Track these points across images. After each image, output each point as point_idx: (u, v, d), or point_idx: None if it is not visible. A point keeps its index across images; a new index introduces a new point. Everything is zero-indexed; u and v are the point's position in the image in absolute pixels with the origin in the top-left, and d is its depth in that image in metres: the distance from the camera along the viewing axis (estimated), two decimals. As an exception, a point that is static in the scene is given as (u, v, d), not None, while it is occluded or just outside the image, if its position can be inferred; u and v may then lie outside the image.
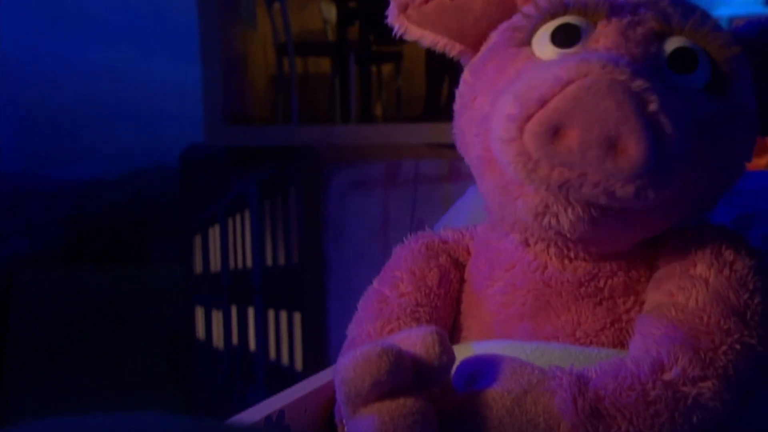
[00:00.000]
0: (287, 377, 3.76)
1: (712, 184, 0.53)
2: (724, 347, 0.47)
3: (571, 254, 0.53)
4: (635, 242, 0.53)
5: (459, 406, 0.47)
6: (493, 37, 0.57)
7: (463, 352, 0.54)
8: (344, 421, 0.48)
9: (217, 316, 5.08)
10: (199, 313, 5.70)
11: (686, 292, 0.50)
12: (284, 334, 3.78)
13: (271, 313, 3.95)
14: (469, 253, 0.62)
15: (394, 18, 0.60)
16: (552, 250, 0.53)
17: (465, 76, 0.59)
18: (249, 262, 4.18)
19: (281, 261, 3.72)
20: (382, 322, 0.58)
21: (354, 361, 0.44)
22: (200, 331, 5.73)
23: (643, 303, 0.53)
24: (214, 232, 5.15)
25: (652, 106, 0.43)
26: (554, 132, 0.44)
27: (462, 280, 0.61)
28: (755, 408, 0.51)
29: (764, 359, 0.49)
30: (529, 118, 0.44)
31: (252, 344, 4.27)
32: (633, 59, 0.48)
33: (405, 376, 0.44)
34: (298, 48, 3.74)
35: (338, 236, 3.29)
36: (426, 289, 0.59)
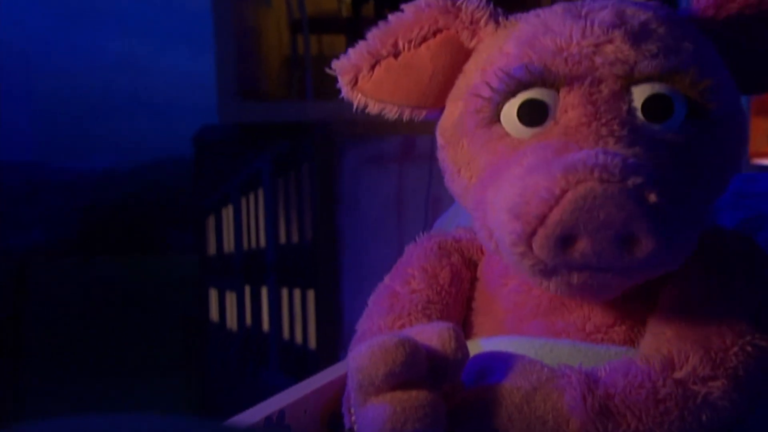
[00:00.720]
0: (300, 357, 3.77)
1: (708, 198, 0.54)
2: (735, 348, 0.48)
3: None
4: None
5: (468, 401, 0.47)
6: (456, 100, 0.57)
7: (471, 348, 0.53)
8: (353, 410, 0.48)
9: (230, 298, 5.09)
10: (213, 295, 5.71)
11: (700, 293, 0.50)
12: (298, 313, 3.78)
13: (284, 292, 3.95)
14: (482, 252, 0.62)
15: (347, 94, 0.59)
16: None
17: (439, 141, 0.59)
18: (262, 241, 4.18)
19: (295, 239, 3.71)
20: (393, 317, 0.58)
21: (370, 350, 0.44)
22: (214, 314, 5.76)
23: (655, 302, 0.53)
24: (228, 213, 5.15)
25: (652, 198, 0.43)
26: (563, 242, 0.44)
27: (474, 280, 0.62)
28: (764, 411, 0.51)
29: None
30: (533, 233, 0.45)
31: (265, 325, 4.28)
32: (609, 129, 0.48)
33: (419, 368, 0.45)
34: (312, 25, 3.74)
35: (352, 212, 3.27)
36: (438, 286, 0.60)
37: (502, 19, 0.57)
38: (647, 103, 0.50)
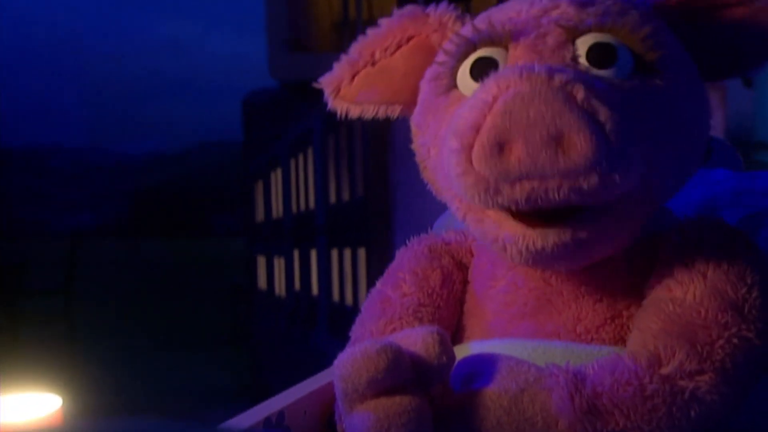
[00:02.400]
0: (350, 318, 3.76)
1: (677, 158, 0.54)
2: (721, 341, 0.48)
3: None
4: (626, 243, 0.54)
5: (457, 406, 0.48)
6: (423, 88, 0.60)
7: (461, 352, 0.55)
8: (341, 417, 0.50)
9: (278, 263, 5.13)
10: (261, 263, 5.76)
11: (684, 286, 0.51)
12: (348, 273, 3.77)
13: (334, 253, 3.95)
14: (472, 254, 0.64)
15: (331, 103, 0.64)
16: None
17: (413, 130, 0.62)
18: (312, 203, 4.19)
19: (345, 197, 3.70)
20: (385, 322, 0.60)
21: (352, 358, 0.45)
22: (262, 282, 5.82)
23: (643, 299, 0.53)
24: (276, 176, 5.18)
25: (580, 95, 0.45)
26: (499, 150, 0.46)
27: (465, 282, 0.63)
28: (756, 405, 0.52)
29: (763, 353, 0.50)
30: (471, 146, 0.46)
31: (314, 288, 4.30)
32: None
33: (403, 374, 0.46)
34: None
35: (406, 167, 3.24)
36: (429, 289, 0.62)
37: (468, 18, 0.61)
38: (591, 52, 0.52)
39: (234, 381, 6.11)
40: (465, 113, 0.47)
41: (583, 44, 0.52)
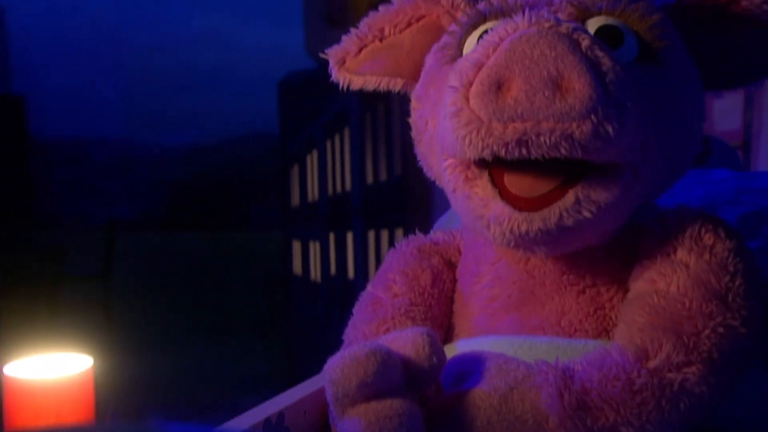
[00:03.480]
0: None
1: (666, 150, 0.54)
2: (707, 331, 0.48)
3: None
4: (612, 231, 0.54)
5: (447, 406, 0.48)
6: (428, 60, 0.61)
7: (449, 351, 0.56)
8: (334, 422, 0.50)
9: (314, 248, 5.14)
10: (296, 248, 5.78)
11: (667, 278, 0.51)
12: (385, 255, 3.74)
13: (371, 235, 3.92)
14: (460, 252, 0.65)
15: (335, 74, 0.66)
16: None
17: (413, 104, 0.62)
18: (348, 184, 4.17)
19: (383, 176, 3.67)
20: (377, 323, 0.61)
21: (341, 362, 0.46)
22: (297, 267, 5.83)
23: (626, 291, 0.54)
24: (312, 158, 5.18)
25: (585, 42, 0.46)
26: (497, 87, 0.46)
27: (455, 280, 0.64)
28: (745, 397, 0.52)
29: (749, 341, 0.50)
30: (471, 83, 0.47)
31: (351, 271, 4.28)
32: None
33: (393, 377, 0.46)
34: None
35: (445, 144, 3.19)
36: (419, 288, 0.62)
37: (480, 1, 0.61)
38: (599, 33, 0.53)
39: (268, 368, 6.16)
40: (470, 54, 0.49)
41: (591, 25, 0.53)
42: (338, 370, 0.46)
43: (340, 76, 0.66)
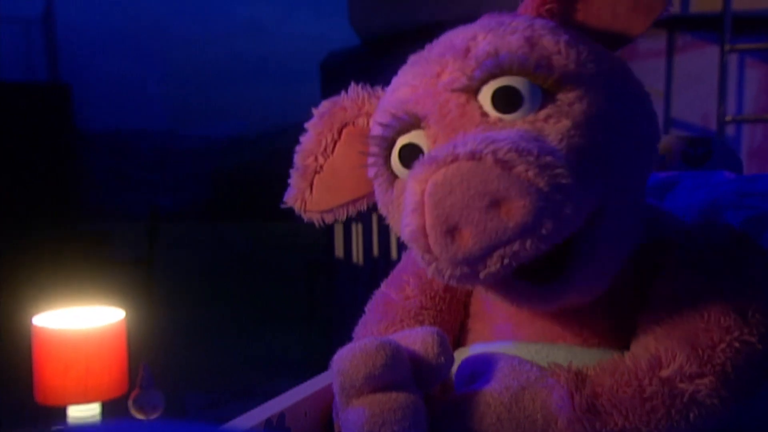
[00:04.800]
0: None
1: (618, 166, 0.53)
2: (722, 345, 0.49)
3: None
4: (604, 288, 0.54)
5: (458, 402, 0.49)
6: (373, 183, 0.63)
7: (464, 354, 0.58)
8: (338, 413, 0.52)
9: (356, 230, 5.12)
10: (338, 230, 5.77)
11: (688, 289, 0.52)
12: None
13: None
14: None
15: (305, 216, 0.69)
16: None
17: (381, 210, 0.65)
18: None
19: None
20: (387, 324, 0.63)
21: (351, 353, 0.48)
22: (339, 250, 5.83)
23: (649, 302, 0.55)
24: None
25: (500, 154, 0.46)
26: (451, 236, 0.47)
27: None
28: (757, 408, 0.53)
29: (765, 358, 0.50)
30: (424, 233, 0.48)
31: (394, 252, 4.26)
32: (464, 135, 0.51)
33: (401, 372, 0.48)
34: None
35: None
36: (431, 292, 0.64)
37: (379, 90, 0.66)
38: (495, 100, 0.54)
39: (307, 353, 6.21)
40: (407, 201, 0.49)
41: (484, 98, 0.54)
42: (347, 361, 0.48)
43: (311, 218, 0.69)
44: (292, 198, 0.69)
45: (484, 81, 0.54)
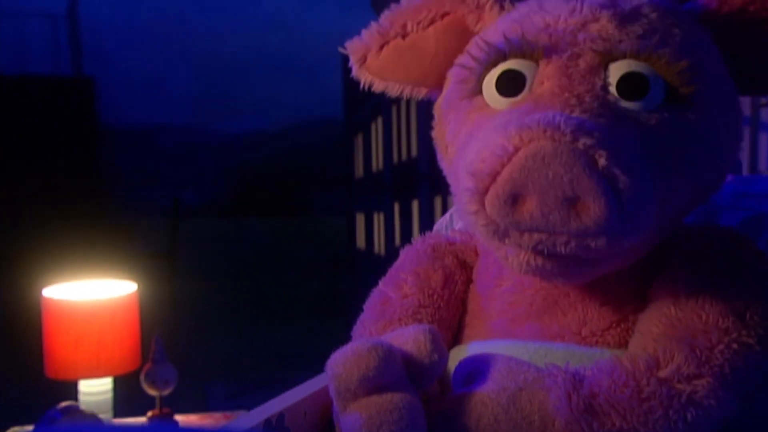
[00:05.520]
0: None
1: (693, 186, 0.55)
2: (721, 346, 0.49)
3: None
4: (632, 262, 0.56)
5: (455, 404, 0.49)
6: (449, 77, 0.61)
7: (461, 352, 0.59)
8: (338, 417, 0.50)
9: (378, 220, 5.10)
10: (360, 221, 5.76)
11: (687, 291, 0.52)
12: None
13: (437, 201, 3.84)
14: (477, 254, 0.66)
15: (356, 72, 0.65)
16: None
17: (435, 119, 0.63)
18: (414, 150, 4.10)
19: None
20: (385, 323, 0.62)
21: (343, 357, 0.47)
22: (360, 241, 5.81)
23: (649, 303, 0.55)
24: (377, 126, 5.14)
25: (602, 161, 0.45)
26: (513, 201, 0.46)
27: (469, 281, 0.65)
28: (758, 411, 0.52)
29: (764, 361, 0.50)
30: (486, 190, 0.47)
31: (416, 241, 4.23)
32: (579, 100, 0.51)
33: (394, 372, 0.47)
34: None
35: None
36: (429, 290, 0.63)
37: (507, 3, 0.62)
38: (622, 81, 0.52)
39: (330, 345, 6.20)
40: (484, 153, 0.48)
41: (615, 71, 0.53)
42: (340, 365, 0.47)
43: (361, 75, 0.65)
44: (355, 47, 0.65)
45: (627, 57, 0.53)
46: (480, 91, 0.57)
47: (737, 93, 0.58)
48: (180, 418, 1.44)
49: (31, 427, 1.28)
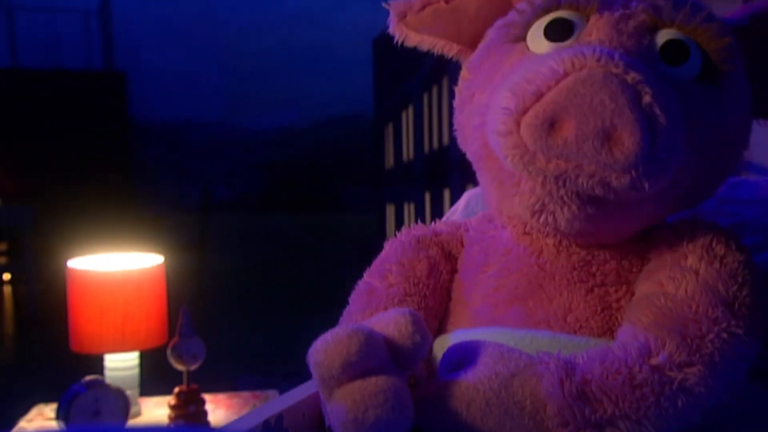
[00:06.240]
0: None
1: (707, 171, 0.57)
2: (711, 335, 0.51)
3: (568, 241, 0.58)
4: (630, 234, 0.58)
5: (446, 388, 0.49)
6: (489, 34, 0.62)
7: (444, 341, 0.60)
8: (324, 406, 0.51)
9: (408, 210, 5.06)
10: (390, 211, 5.72)
11: (676, 282, 0.54)
12: (484, 210, 3.61)
13: (469, 189, 3.79)
14: (462, 244, 0.67)
15: (394, 27, 0.66)
16: (549, 238, 0.59)
17: (463, 74, 0.64)
18: (446, 138, 4.05)
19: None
20: (370, 313, 0.62)
21: (324, 344, 0.47)
22: (390, 232, 5.80)
23: (633, 293, 0.57)
24: (407, 115, 5.10)
25: (647, 98, 0.47)
26: (551, 124, 0.47)
27: (453, 272, 0.66)
28: (745, 403, 0.54)
29: (751, 350, 0.52)
30: (525, 111, 0.48)
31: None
32: (626, 52, 0.52)
33: (377, 356, 0.47)
34: None
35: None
36: (414, 279, 0.64)
37: None
38: (667, 46, 0.55)
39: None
40: (530, 74, 0.49)
41: (661, 36, 0.55)
42: (321, 353, 0.47)
43: (398, 30, 0.66)
44: (397, 4, 0.67)
45: (675, 26, 0.55)
46: (523, 38, 0.58)
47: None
48: (207, 397, 1.41)
49: (55, 405, 1.26)
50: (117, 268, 1.30)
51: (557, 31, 0.56)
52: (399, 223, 5.19)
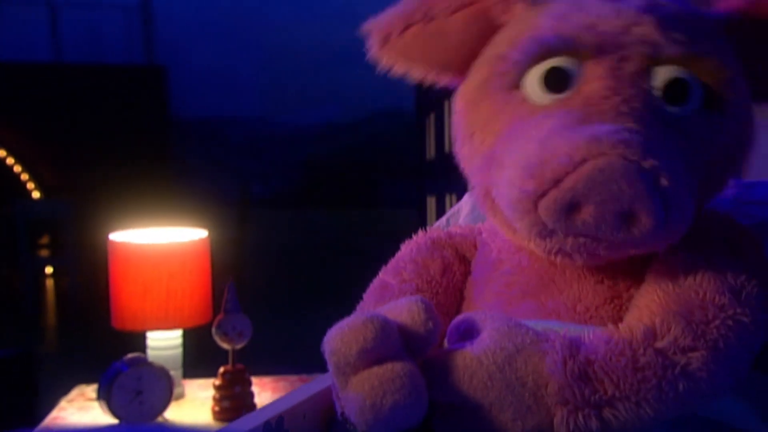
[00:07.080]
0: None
1: (711, 190, 0.61)
2: (717, 321, 0.53)
3: None
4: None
5: (450, 359, 0.51)
6: (481, 67, 0.63)
7: None
8: (338, 395, 0.52)
9: (450, 201, 4.99)
10: (431, 203, 5.65)
11: (685, 270, 0.56)
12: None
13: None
14: (476, 247, 0.70)
15: (375, 53, 0.66)
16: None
17: (457, 106, 0.65)
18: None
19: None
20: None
21: (340, 332, 0.49)
22: (431, 223, 5.77)
23: (642, 281, 0.59)
24: (450, 104, 5.03)
25: (664, 182, 0.50)
26: (569, 208, 0.51)
27: (467, 274, 0.68)
28: (748, 392, 0.58)
29: (756, 340, 0.54)
30: (543, 194, 0.51)
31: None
32: (628, 100, 0.55)
33: (391, 343, 0.49)
34: None
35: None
36: (428, 276, 0.67)
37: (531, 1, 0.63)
38: (668, 87, 0.57)
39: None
40: (546, 155, 0.50)
41: (660, 76, 0.56)
42: (338, 340, 0.48)
43: (382, 56, 0.66)
44: (379, 27, 0.66)
45: (673, 62, 0.56)
46: (518, 86, 0.59)
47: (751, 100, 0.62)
48: (254, 379, 1.38)
49: (96, 386, 1.23)
50: (160, 240, 1.27)
51: (555, 83, 0.57)
52: (440, 215, 5.16)
